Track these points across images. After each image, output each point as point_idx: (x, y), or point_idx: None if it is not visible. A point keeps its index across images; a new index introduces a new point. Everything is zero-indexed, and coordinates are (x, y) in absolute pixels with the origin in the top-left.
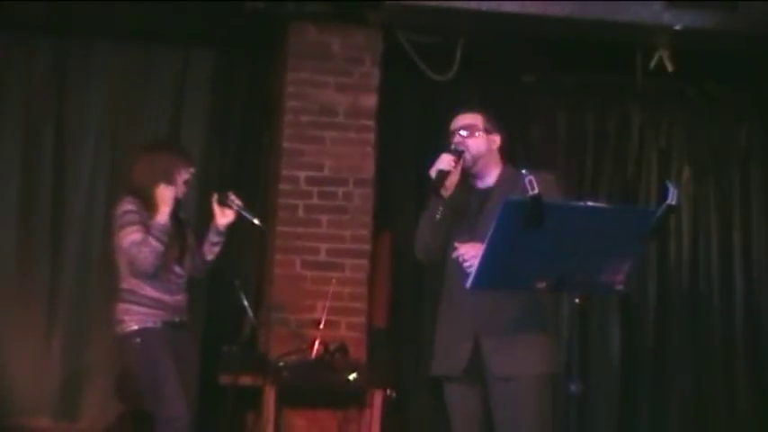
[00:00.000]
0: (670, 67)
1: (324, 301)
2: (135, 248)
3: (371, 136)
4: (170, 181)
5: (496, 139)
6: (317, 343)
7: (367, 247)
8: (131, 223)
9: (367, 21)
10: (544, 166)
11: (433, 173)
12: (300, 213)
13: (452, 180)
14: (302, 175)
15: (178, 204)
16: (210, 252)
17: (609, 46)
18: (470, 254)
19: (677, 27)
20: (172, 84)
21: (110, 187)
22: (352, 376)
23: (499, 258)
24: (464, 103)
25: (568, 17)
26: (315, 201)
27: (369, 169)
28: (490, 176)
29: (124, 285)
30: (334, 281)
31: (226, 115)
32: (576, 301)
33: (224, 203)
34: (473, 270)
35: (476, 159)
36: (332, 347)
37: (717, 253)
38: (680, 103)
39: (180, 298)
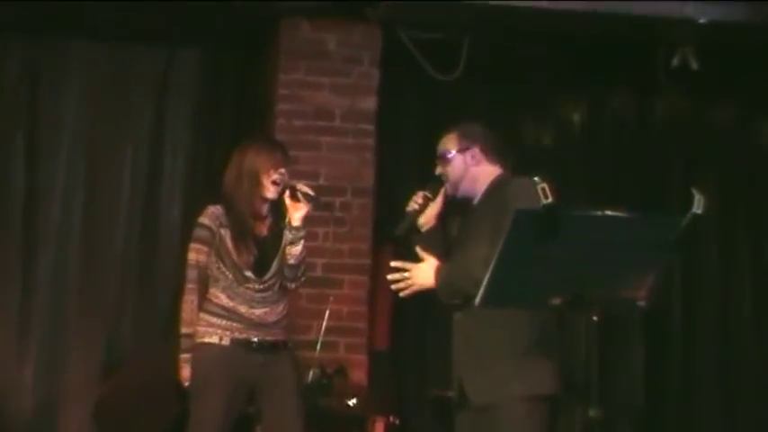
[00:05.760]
0: (694, 65)
1: (320, 320)
2: (188, 269)
3: (371, 141)
4: (256, 183)
5: (475, 153)
6: (313, 366)
7: (367, 261)
8: (198, 240)
9: (365, 16)
10: (558, 172)
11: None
12: None
13: (431, 213)
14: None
15: (269, 208)
16: (291, 255)
17: (627, 43)
18: (413, 274)
19: (701, 21)
20: (154, 86)
21: (87, 199)
22: (352, 402)
23: (510, 274)
24: (476, 111)
25: (583, 12)
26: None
27: (368, 177)
28: (479, 192)
29: (207, 294)
30: (331, 299)
31: (213, 120)
32: (595, 318)
33: (294, 197)
34: (483, 286)
35: (456, 185)
36: (330, 371)
37: (748, 263)
38: (705, 102)
39: (261, 312)
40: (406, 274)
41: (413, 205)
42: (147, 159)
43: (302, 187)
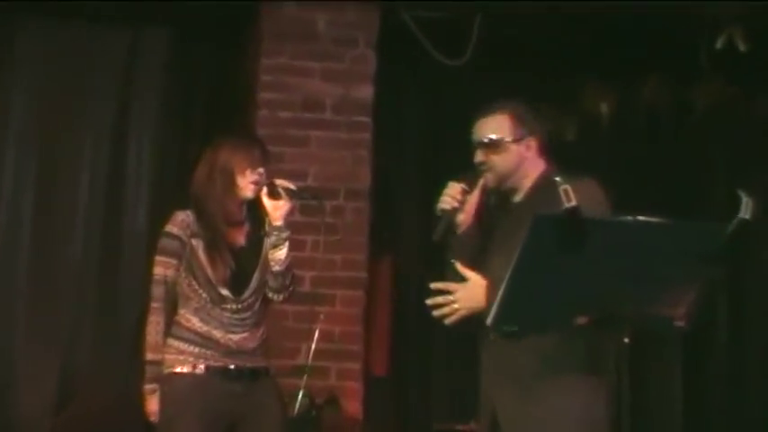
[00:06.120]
0: (742, 47)
1: (309, 342)
2: (154, 285)
3: (367, 136)
4: (230, 184)
5: (532, 144)
6: (300, 395)
7: (362, 274)
8: (165, 251)
9: None
10: (581, 170)
11: (439, 212)
12: None
13: (469, 209)
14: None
15: (246, 214)
16: (275, 261)
17: (664, 22)
18: (458, 296)
19: None
20: (116, 72)
21: (38, 198)
22: None
23: (528, 289)
24: (489, 101)
25: None
26: (296, 217)
27: (364, 178)
28: (525, 188)
29: (175, 316)
30: (321, 317)
31: (185, 110)
32: (626, 340)
33: (273, 193)
34: (496, 303)
35: (504, 178)
36: (320, 401)
37: None
38: (753, 91)
39: (239, 338)
40: (450, 297)
41: (450, 202)
42: (109, 157)
43: (281, 182)
